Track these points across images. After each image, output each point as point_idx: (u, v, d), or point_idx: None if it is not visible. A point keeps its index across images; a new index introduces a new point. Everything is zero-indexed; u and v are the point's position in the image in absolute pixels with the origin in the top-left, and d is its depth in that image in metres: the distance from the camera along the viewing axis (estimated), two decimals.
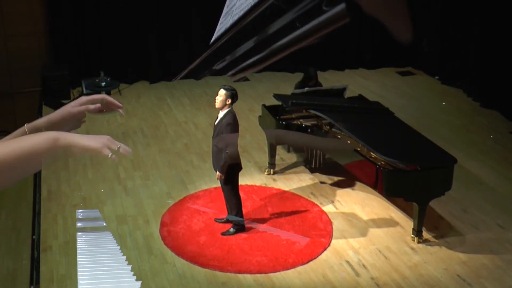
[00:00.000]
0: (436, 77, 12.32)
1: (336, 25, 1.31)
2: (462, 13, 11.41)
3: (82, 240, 2.10)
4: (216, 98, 6.82)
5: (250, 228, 7.25)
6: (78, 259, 2.01)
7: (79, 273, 1.96)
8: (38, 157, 1.85)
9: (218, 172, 6.84)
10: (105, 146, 1.97)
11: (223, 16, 1.77)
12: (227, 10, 1.74)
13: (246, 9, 1.46)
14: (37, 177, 8.58)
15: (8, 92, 11.35)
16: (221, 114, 6.83)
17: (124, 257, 2.05)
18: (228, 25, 1.62)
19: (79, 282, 1.89)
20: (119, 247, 2.07)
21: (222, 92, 6.77)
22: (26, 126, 2.15)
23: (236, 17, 1.56)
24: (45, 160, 1.87)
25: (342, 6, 1.26)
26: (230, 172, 6.88)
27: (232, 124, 6.73)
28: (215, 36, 1.72)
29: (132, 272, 2.02)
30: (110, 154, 1.95)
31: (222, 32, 1.61)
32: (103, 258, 2.04)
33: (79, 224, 2.16)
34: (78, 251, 2.06)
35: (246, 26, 1.51)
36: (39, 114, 10.72)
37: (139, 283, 1.88)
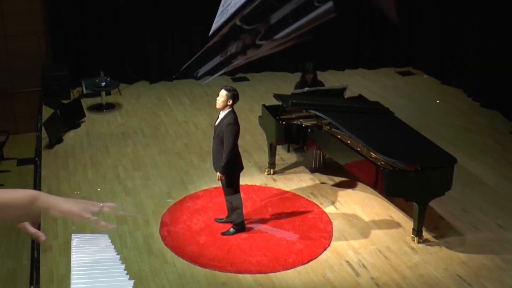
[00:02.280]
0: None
1: (324, 20, 1.36)
2: (462, 12, 11.40)
3: (76, 240, 2.12)
4: (217, 98, 6.80)
5: (250, 228, 7.25)
6: (72, 259, 2.03)
7: (72, 272, 1.97)
8: (15, 210, 1.95)
9: (218, 173, 6.84)
10: (85, 210, 2.03)
11: (218, 15, 1.78)
12: (222, 9, 1.75)
13: (240, 4, 1.47)
14: (37, 177, 8.59)
15: (8, 92, 11.35)
16: (222, 114, 6.82)
17: (118, 256, 2.07)
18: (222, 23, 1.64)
19: (72, 281, 1.90)
20: (113, 246, 2.08)
21: (223, 92, 6.76)
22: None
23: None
24: (24, 214, 1.95)
25: (330, 3, 1.31)
26: (232, 173, 6.87)
27: (233, 124, 6.72)
28: (211, 34, 1.74)
29: (126, 271, 2.02)
30: (91, 216, 2.00)
31: (216, 28, 1.63)
32: (96, 257, 2.04)
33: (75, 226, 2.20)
34: (72, 251, 2.08)
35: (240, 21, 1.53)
36: (39, 114, 10.72)
37: (131, 282, 1.89)
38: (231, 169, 6.83)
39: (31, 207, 2.00)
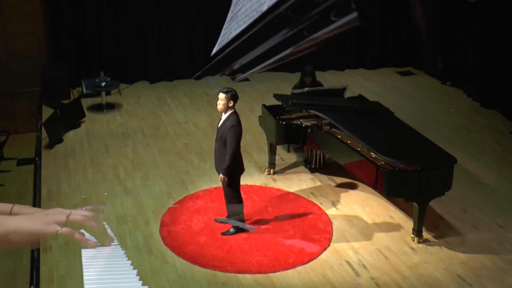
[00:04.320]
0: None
1: (345, 30, 1.34)
2: (462, 13, 11.40)
3: (86, 256, 2.05)
4: (218, 102, 6.80)
5: (250, 228, 7.25)
6: (83, 264, 1.98)
7: (84, 278, 1.93)
8: None
9: (221, 175, 6.84)
10: (51, 223, 1.71)
11: (227, 22, 1.76)
12: (232, 15, 1.74)
13: (254, 18, 1.46)
14: (37, 177, 8.58)
15: (8, 92, 11.35)
16: (224, 116, 6.82)
17: (130, 262, 2.03)
18: (232, 30, 1.62)
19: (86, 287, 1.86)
20: (124, 251, 2.05)
21: (222, 96, 6.76)
22: (13, 207, 1.91)
23: (241, 23, 1.55)
24: None
25: (354, 14, 1.29)
26: (234, 174, 6.87)
27: (235, 126, 6.73)
28: (219, 41, 1.71)
29: (138, 277, 2.01)
30: (59, 229, 1.71)
31: (229, 39, 1.61)
32: (108, 262, 2.02)
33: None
34: (82, 255, 2.03)
35: (254, 34, 1.51)
36: (39, 114, 10.72)
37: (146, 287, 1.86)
38: (233, 171, 6.84)
39: None
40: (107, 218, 2.22)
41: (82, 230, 1.81)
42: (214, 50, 1.70)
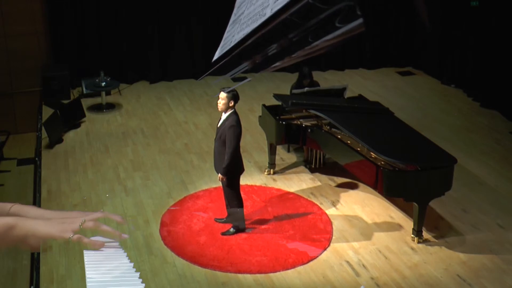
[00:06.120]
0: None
1: (351, 36, 1.35)
2: (462, 12, 11.40)
3: (89, 258, 2.04)
4: (218, 101, 6.81)
5: (250, 228, 7.25)
6: (86, 266, 1.97)
7: (87, 279, 1.92)
8: None
9: (220, 174, 6.84)
10: (64, 231, 1.90)
11: (230, 25, 1.76)
12: (235, 18, 1.73)
13: (258, 21, 1.45)
14: (37, 177, 8.58)
15: (8, 92, 11.35)
16: (224, 116, 6.83)
17: (132, 264, 2.04)
18: (235, 33, 1.62)
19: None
20: (126, 253, 2.04)
21: (223, 95, 6.76)
22: (12, 207, 1.99)
23: (244, 26, 1.55)
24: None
25: (360, 21, 1.30)
26: (233, 174, 6.87)
27: (235, 126, 6.73)
28: (222, 44, 1.71)
29: (141, 280, 2.01)
30: (70, 236, 1.90)
31: (232, 42, 1.60)
32: (110, 264, 2.01)
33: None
34: (84, 257, 2.01)
35: (259, 37, 1.51)
36: (39, 114, 10.72)
37: None
38: (232, 171, 6.84)
39: (7, 236, 1.80)
40: (107, 221, 2.21)
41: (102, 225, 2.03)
42: (217, 54, 1.70)
